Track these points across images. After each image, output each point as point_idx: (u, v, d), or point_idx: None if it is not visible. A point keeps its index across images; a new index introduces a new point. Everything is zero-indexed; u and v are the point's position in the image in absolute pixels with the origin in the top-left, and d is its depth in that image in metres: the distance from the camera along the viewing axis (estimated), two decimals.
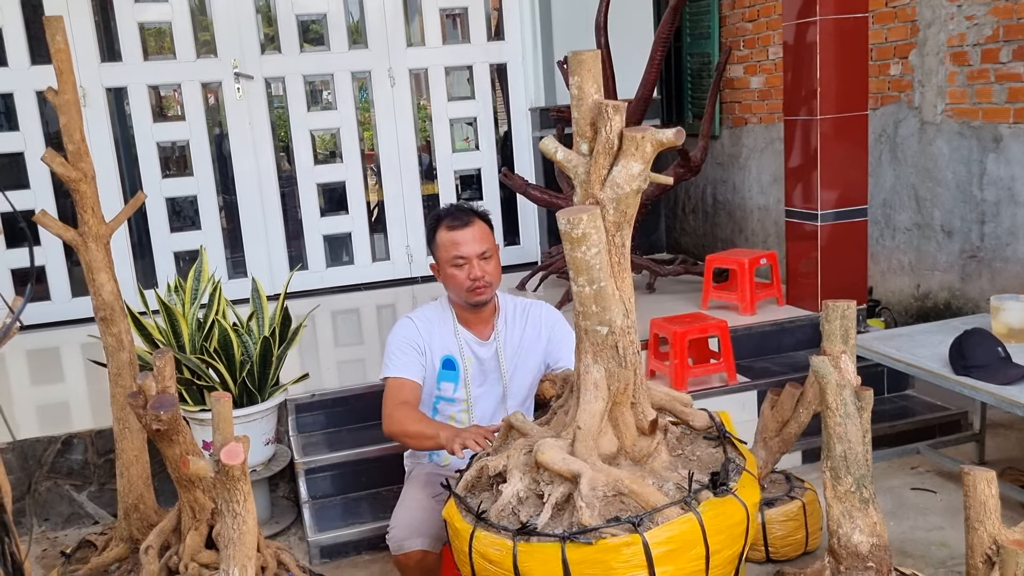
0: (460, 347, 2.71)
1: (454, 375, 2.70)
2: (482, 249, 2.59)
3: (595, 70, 1.88)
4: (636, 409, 1.98)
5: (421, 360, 2.67)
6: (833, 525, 2.01)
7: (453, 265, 2.61)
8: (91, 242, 2.58)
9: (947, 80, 4.29)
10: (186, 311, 3.22)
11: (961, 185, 4.28)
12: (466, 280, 2.60)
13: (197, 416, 3.17)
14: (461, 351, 2.71)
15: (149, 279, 5.42)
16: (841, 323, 2.04)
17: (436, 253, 2.67)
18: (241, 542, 1.94)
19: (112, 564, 2.72)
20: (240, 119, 5.44)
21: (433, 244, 2.67)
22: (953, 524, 3.13)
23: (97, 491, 3.53)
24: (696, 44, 6.12)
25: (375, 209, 6.04)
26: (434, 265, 2.71)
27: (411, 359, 2.66)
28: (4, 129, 5.24)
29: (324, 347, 4.62)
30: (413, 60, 5.71)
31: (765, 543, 2.93)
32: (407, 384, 2.63)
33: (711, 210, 6.26)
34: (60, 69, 2.46)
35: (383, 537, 3.25)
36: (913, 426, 3.84)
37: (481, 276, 2.58)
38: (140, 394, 2.18)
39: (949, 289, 4.42)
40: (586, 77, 1.86)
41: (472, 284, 2.60)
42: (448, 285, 2.68)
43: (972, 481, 1.92)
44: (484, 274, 2.59)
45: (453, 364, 2.71)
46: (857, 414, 1.99)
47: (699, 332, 3.79)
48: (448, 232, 2.61)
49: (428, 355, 2.69)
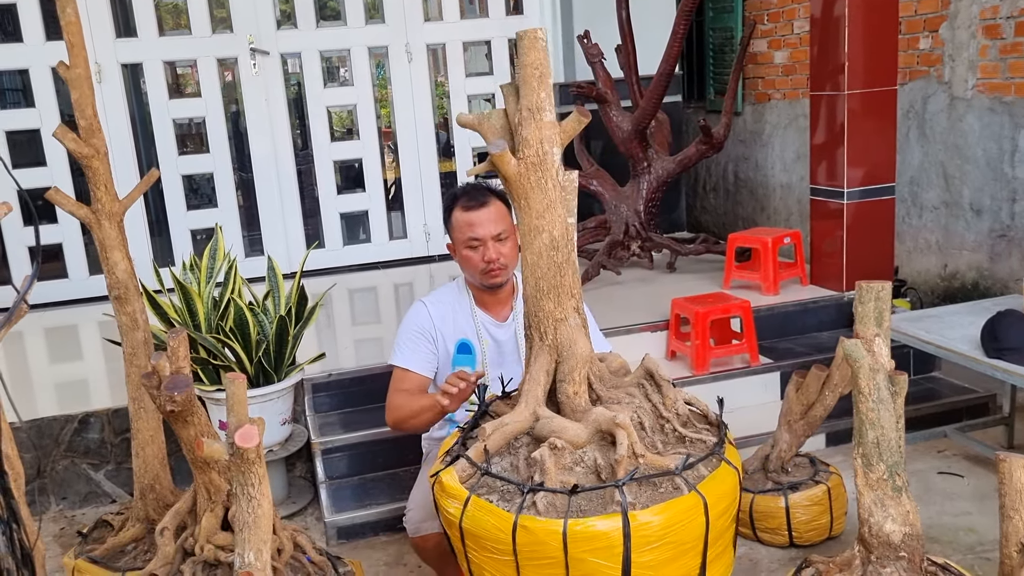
0: (477, 329, 2.66)
1: (470, 359, 2.64)
2: (498, 231, 2.50)
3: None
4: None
5: (431, 348, 2.63)
6: (864, 514, 1.94)
7: (468, 247, 2.53)
8: (104, 220, 2.54)
9: (979, 54, 4.17)
10: (201, 290, 3.19)
11: (992, 162, 4.17)
12: (480, 262, 2.52)
13: (213, 396, 3.14)
14: (478, 333, 2.65)
15: (166, 257, 5.40)
16: (875, 305, 1.97)
17: (451, 233, 2.61)
18: (256, 525, 1.90)
19: (128, 544, 2.71)
20: (256, 96, 5.38)
21: (449, 224, 2.61)
22: (981, 509, 3.06)
23: (114, 470, 3.53)
24: (719, 18, 6.00)
25: (392, 187, 5.99)
26: (450, 245, 2.65)
27: (420, 349, 2.62)
28: (20, 106, 5.22)
29: (341, 326, 4.59)
30: (431, 35, 5.62)
31: (789, 528, 2.87)
32: (410, 376, 2.60)
33: (733, 188, 6.16)
34: (71, 43, 2.41)
35: (400, 518, 3.22)
36: (940, 409, 3.76)
37: (496, 259, 2.50)
38: (154, 374, 2.14)
39: (977, 269, 4.32)
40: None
41: (487, 267, 2.52)
42: (463, 266, 2.61)
43: (1008, 468, 1.85)
44: (499, 256, 2.51)
45: (469, 348, 2.66)
46: (891, 399, 1.92)
47: (721, 312, 3.73)
48: (463, 213, 2.53)
49: (440, 342, 2.64)
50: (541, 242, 1.94)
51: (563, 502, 1.76)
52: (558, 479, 1.80)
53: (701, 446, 1.90)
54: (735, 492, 1.86)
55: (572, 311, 1.99)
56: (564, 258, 1.95)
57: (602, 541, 1.70)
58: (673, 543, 1.74)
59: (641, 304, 4.26)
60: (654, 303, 4.21)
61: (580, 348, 1.95)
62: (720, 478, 1.83)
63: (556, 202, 1.92)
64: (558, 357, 2.01)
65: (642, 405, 1.96)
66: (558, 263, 1.95)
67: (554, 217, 1.92)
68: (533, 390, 1.99)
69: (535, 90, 1.88)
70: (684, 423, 1.97)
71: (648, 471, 1.80)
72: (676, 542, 1.74)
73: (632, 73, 4.99)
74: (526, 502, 1.76)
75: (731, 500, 1.85)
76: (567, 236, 1.95)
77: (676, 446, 1.93)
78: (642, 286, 4.67)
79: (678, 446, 1.93)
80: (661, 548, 1.73)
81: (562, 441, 1.86)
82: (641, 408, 1.96)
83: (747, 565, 2.86)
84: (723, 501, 1.81)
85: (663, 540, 1.72)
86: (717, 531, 1.80)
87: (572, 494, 1.75)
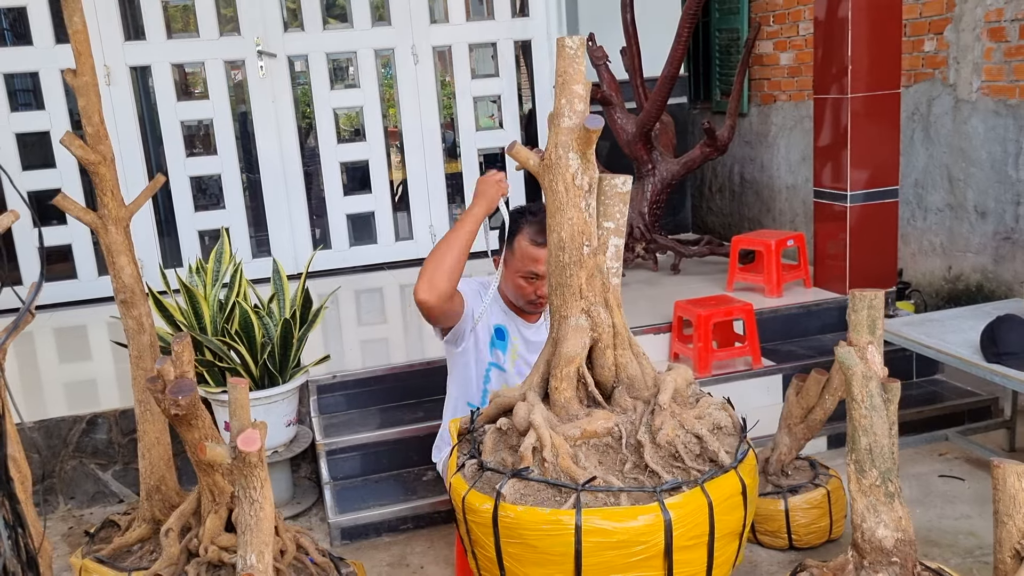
0: (508, 325, 2.78)
1: (504, 344, 2.75)
2: None
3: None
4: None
5: (476, 293, 2.67)
6: (857, 519, 1.96)
7: (524, 277, 2.64)
8: (111, 225, 2.57)
9: (983, 57, 4.17)
10: (207, 293, 3.22)
11: (996, 165, 4.17)
12: (532, 294, 2.66)
13: (219, 397, 3.18)
14: (509, 329, 2.78)
15: (174, 257, 5.45)
16: (868, 313, 1.99)
17: (510, 256, 2.67)
18: (258, 528, 1.93)
19: (135, 544, 2.74)
20: (263, 97, 5.42)
21: (510, 245, 2.66)
22: (982, 513, 3.07)
23: (121, 470, 3.57)
24: (724, 20, 6.00)
25: (398, 188, 6.02)
26: (498, 260, 2.70)
27: (467, 287, 2.64)
28: (30, 108, 5.27)
29: (347, 327, 4.62)
30: (437, 37, 5.65)
31: (788, 531, 2.89)
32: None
33: (738, 189, 6.16)
34: (78, 51, 2.44)
35: (404, 519, 3.27)
36: (942, 412, 3.77)
37: (546, 295, 2.54)
38: (159, 379, 2.18)
39: (982, 271, 4.33)
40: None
41: (536, 299, 2.66)
42: (509, 285, 2.72)
43: (1002, 474, 1.86)
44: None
45: (504, 334, 2.77)
46: (883, 406, 1.94)
47: (724, 315, 3.74)
48: (532, 247, 2.60)
49: (485, 315, 2.69)
50: (551, 240, 1.99)
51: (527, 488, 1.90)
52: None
53: (653, 480, 1.87)
54: (640, 538, 1.80)
55: (578, 311, 2.01)
56: (571, 259, 1.97)
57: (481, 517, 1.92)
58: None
59: (644, 306, 4.28)
60: (657, 305, 4.23)
61: (567, 347, 1.98)
62: (620, 516, 1.79)
63: (567, 205, 1.95)
64: (554, 351, 2.06)
65: (634, 421, 1.97)
66: (563, 263, 1.98)
67: (563, 219, 1.95)
68: (532, 375, 2.10)
69: (557, 96, 1.94)
70: (672, 453, 1.93)
71: (549, 476, 1.87)
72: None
73: (637, 75, 5.01)
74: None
75: (630, 543, 1.80)
76: (576, 239, 1.96)
77: (640, 471, 1.91)
78: (646, 288, 4.69)
79: (667, 469, 1.90)
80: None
81: (508, 423, 2.02)
82: (630, 424, 1.96)
83: (747, 567, 2.88)
84: (614, 536, 1.79)
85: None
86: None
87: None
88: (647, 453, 1.90)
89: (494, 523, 1.86)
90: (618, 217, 1.97)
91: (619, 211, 1.97)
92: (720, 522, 1.85)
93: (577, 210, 1.92)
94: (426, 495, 3.29)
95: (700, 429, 1.95)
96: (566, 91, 1.90)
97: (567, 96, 1.90)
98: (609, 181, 1.97)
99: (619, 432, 1.97)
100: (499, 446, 2.06)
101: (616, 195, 1.96)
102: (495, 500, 1.85)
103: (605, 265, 1.97)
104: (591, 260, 1.95)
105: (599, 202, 1.98)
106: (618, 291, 2.02)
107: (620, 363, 2.02)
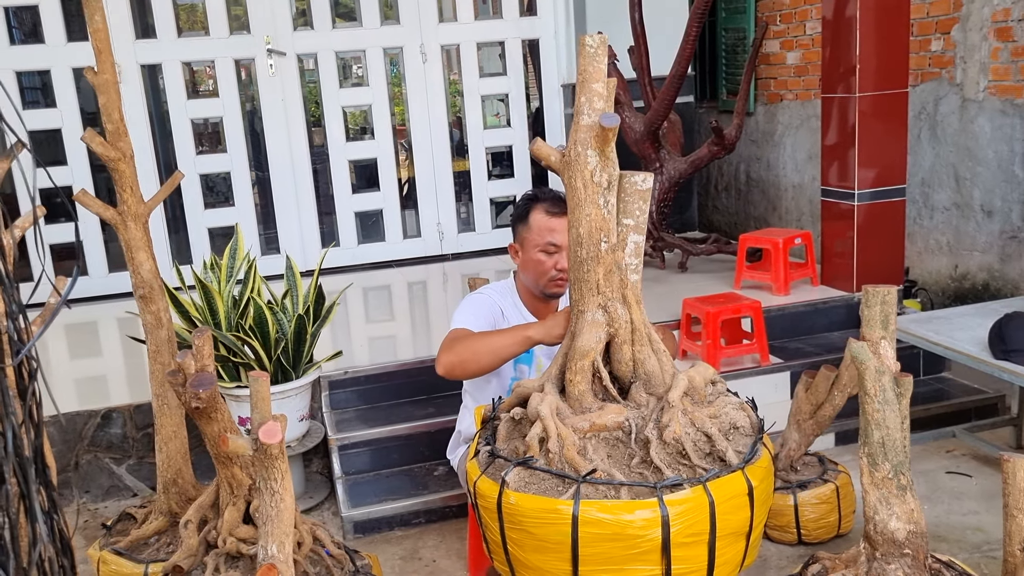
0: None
1: (528, 357, 2.64)
2: None
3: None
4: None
5: (493, 324, 2.62)
6: (869, 511, 1.99)
7: (543, 250, 2.56)
8: (130, 221, 2.61)
9: (990, 56, 4.19)
10: (222, 289, 3.25)
11: (1003, 164, 4.20)
12: (551, 268, 2.56)
13: (233, 392, 3.21)
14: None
15: (184, 255, 5.48)
16: (881, 309, 2.02)
17: (525, 234, 2.61)
18: (279, 519, 1.97)
19: (152, 536, 2.77)
20: (273, 95, 5.45)
21: (523, 224, 2.61)
22: (989, 509, 3.10)
23: (136, 464, 3.60)
24: (731, 19, 6.03)
25: (406, 185, 6.04)
26: (514, 246, 2.66)
27: (483, 320, 2.59)
28: (41, 106, 5.30)
29: (356, 324, 4.65)
30: (445, 36, 5.68)
31: (797, 526, 2.92)
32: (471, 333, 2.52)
33: (744, 188, 6.19)
34: (99, 49, 2.48)
35: (416, 513, 3.30)
36: (949, 409, 3.79)
37: (567, 268, 2.54)
38: (179, 372, 2.21)
39: (988, 270, 4.35)
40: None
41: (557, 274, 2.57)
42: (528, 268, 2.63)
43: (1012, 468, 1.90)
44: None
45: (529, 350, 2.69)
46: (896, 400, 1.96)
47: (732, 312, 3.77)
48: (547, 217, 2.55)
49: (505, 325, 2.63)
50: (571, 236, 2.02)
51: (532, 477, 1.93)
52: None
53: (655, 476, 1.88)
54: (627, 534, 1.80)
55: (595, 306, 2.03)
56: (588, 255, 1.99)
57: (488, 502, 1.94)
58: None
59: (653, 304, 4.28)
60: (666, 303, 4.26)
61: (582, 341, 2.01)
62: (618, 509, 1.80)
63: (586, 201, 1.96)
64: (571, 344, 2.08)
65: (645, 417, 1.99)
66: (581, 258, 2.00)
67: (582, 215, 1.97)
68: (551, 367, 2.12)
69: (577, 93, 1.96)
70: (680, 451, 1.93)
71: (554, 466, 1.88)
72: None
73: (645, 74, 5.03)
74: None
75: (614, 544, 1.81)
76: (594, 235, 1.98)
77: (646, 466, 1.92)
78: (654, 286, 4.72)
79: (672, 466, 1.92)
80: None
81: (521, 413, 2.03)
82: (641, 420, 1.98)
83: (756, 562, 2.90)
84: (610, 528, 1.79)
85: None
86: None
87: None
88: (653, 449, 1.91)
89: (499, 509, 1.89)
90: (638, 214, 1.99)
91: (639, 208, 1.99)
92: (723, 522, 1.84)
93: (595, 206, 1.95)
94: (437, 490, 3.32)
95: (710, 428, 1.96)
96: (586, 89, 1.93)
97: (587, 94, 1.92)
98: (629, 178, 1.99)
99: (629, 427, 1.99)
100: (512, 435, 2.09)
101: (636, 192, 1.98)
102: (499, 487, 1.88)
103: (624, 261, 1.99)
104: (609, 256, 1.97)
105: (619, 199, 1.99)
106: (637, 287, 2.04)
107: (638, 359, 2.03)
